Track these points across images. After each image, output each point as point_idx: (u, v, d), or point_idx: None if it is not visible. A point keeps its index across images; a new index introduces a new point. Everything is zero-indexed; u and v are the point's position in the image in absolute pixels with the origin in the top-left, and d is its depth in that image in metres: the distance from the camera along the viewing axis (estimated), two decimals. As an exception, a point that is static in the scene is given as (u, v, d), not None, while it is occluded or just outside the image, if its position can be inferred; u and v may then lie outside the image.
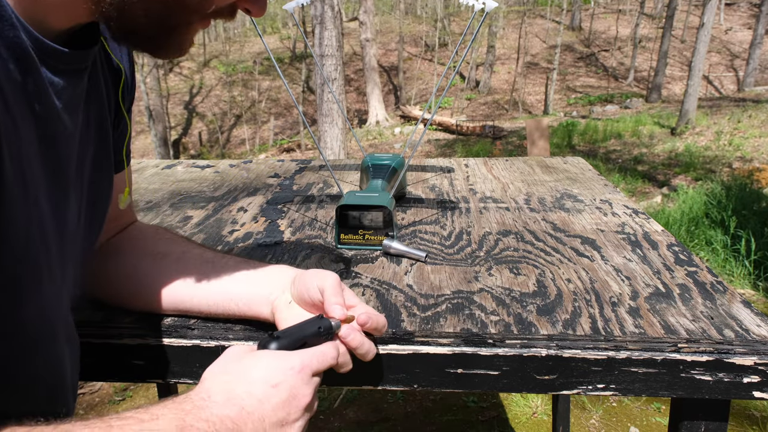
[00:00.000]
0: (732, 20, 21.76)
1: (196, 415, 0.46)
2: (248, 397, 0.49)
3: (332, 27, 5.67)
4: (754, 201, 4.47)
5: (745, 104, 11.79)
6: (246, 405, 0.48)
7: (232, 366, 0.52)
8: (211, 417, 0.46)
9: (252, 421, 0.48)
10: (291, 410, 0.51)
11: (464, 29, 1.20)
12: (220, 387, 0.49)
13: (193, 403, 0.47)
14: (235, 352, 0.54)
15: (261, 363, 0.52)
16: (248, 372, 0.51)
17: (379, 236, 0.93)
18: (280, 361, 0.52)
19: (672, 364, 0.64)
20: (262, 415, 0.49)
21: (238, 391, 0.49)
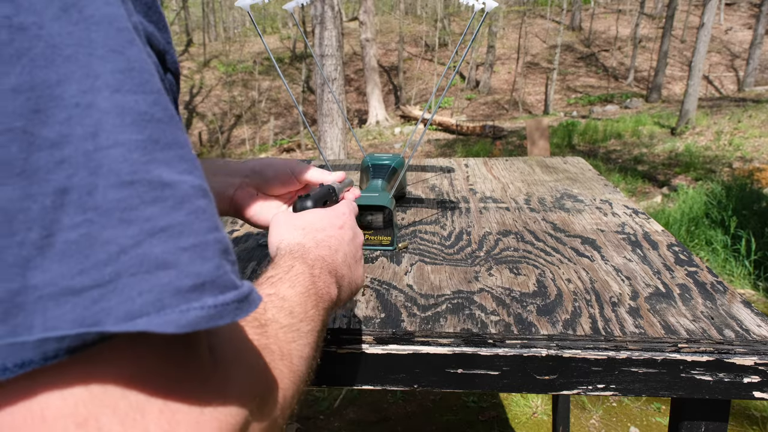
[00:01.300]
0: (732, 20, 21.76)
1: (309, 257, 0.51)
2: (329, 239, 0.55)
3: (332, 27, 5.67)
4: (754, 201, 4.47)
5: (745, 104, 11.79)
6: (331, 244, 0.55)
7: (298, 222, 0.57)
8: (316, 257, 0.52)
9: (340, 256, 0.55)
10: (357, 246, 0.59)
11: (464, 29, 1.19)
12: (305, 237, 0.54)
13: (299, 252, 0.52)
14: (285, 215, 0.59)
15: (320, 213, 0.59)
16: (316, 221, 0.57)
17: (379, 236, 0.93)
18: (333, 209, 0.60)
19: (672, 364, 0.64)
20: (345, 252, 0.56)
21: (319, 236, 0.55)
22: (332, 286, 0.51)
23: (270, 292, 0.44)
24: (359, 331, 0.69)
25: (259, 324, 0.38)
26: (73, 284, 0.24)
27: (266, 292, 0.44)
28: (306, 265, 0.50)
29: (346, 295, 0.55)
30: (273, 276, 0.47)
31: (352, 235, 0.58)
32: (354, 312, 0.73)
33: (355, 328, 0.69)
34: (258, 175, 0.70)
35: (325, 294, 0.49)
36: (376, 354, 0.67)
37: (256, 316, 0.38)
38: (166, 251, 0.25)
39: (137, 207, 0.25)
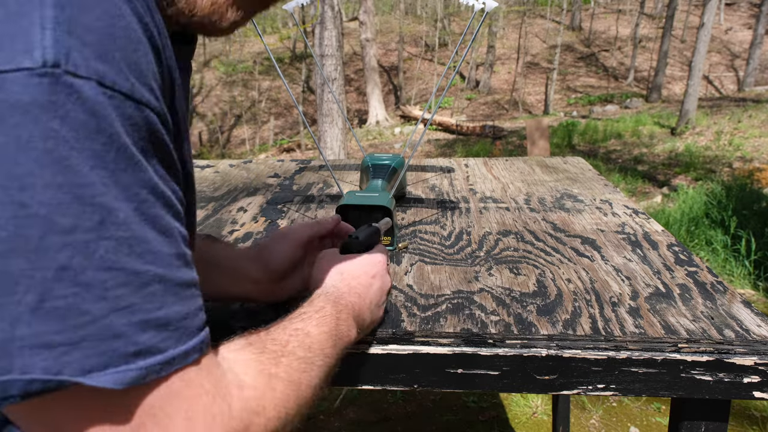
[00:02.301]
0: (732, 20, 21.76)
1: (339, 302, 0.59)
2: (360, 286, 0.63)
3: (332, 27, 5.67)
4: (754, 201, 4.47)
5: (745, 104, 11.78)
6: (360, 292, 0.63)
7: (339, 266, 0.65)
8: (347, 303, 0.60)
9: (365, 304, 0.63)
10: (383, 294, 0.67)
11: (464, 29, 1.20)
12: (340, 282, 0.63)
13: (333, 294, 0.60)
14: (331, 257, 0.67)
15: (359, 261, 0.66)
16: (354, 268, 0.65)
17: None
18: (371, 257, 0.67)
19: (672, 364, 0.64)
20: (370, 299, 0.64)
21: (353, 283, 0.63)
22: (353, 330, 0.60)
23: (299, 326, 0.53)
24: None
25: (275, 356, 0.47)
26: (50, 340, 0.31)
27: (295, 326, 0.53)
28: (335, 308, 0.58)
29: (364, 333, 0.65)
30: (305, 312, 0.56)
31: (381, 284, 0.66)
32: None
33: (355, 328, 0.69)
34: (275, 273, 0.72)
35: (345, 336, 0.58)
36: (376, 354, 0.67)
37: (276, 349, 0.48)
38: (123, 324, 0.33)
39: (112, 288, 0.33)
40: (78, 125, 0.31)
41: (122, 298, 0.33)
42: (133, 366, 0.33)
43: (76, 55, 0.31)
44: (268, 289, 0.72)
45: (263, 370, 0.45)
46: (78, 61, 0.31)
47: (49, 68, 0.30)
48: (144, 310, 0.34)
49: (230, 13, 0.46)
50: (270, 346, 0.49)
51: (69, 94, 0.30)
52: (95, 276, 0.32)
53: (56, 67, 0.30)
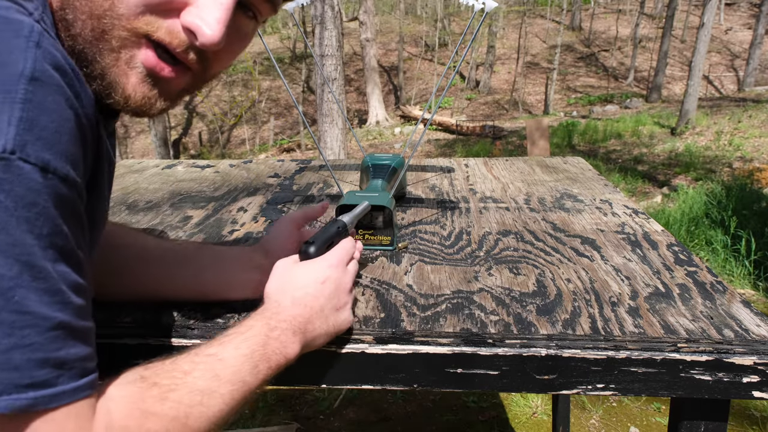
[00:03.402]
0: (732, 20, 21.76)
1: (276, 318, 0.60)
2: (306, 296, 0.63)
3: (332, 27, 5.67)
4: (754, 201, 4.47)
5: (745, 104, 11.78)
6: (307, 302, 0.62)
7: (287, 278, 0.65)
8: (286, 317, 0.60)
9: (315, 312, 0.63)
10: (340, 296, 0.66)
11: (464, 29, 1.20)
12: (285, 296, 0.63)
13: (271, 311, 0.61)
14: (283, 266, 0.67)
15: (307, 268, 0.66)
16: (300, 278, 0.65)
17: (379, 236, 0.93)
18: (320, 263, 0.66)
19: (672, 364, 0.64)
20: (321, 306, 0.63)
21: (298, 294, 0.63)
22: (293, 345, 0.59)
23: (212, 351, 0.54)
24: (359, 330, 0.69)
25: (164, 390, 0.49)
26: None
27: (209, 351, 0.54)
28: (267, 326, 0.59)
29: (321, 342, 0.64)
30: (229, 334, 0.57)
31: (333, 287, 0.65)
32: (354, 312, 0.73)
33: (354, 327, 0.69)
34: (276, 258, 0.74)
35: (278, 353, 0.58)
36: (376, 354, 0.67)
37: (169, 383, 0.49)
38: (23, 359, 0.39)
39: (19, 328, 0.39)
40: (18, 198, 0.39)
41: (27, 337, 0.39)
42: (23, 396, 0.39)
43: (30, 147, 0.40)
44: None
45: (139, 408, 0.47)
46: (30, 151, 0.40)
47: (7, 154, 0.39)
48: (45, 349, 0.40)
49: (159, 104, 0.54)
50: (163, 380, 0.50)
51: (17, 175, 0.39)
52: (8, 316, 0.38)
53: (12, 153, 0.39)
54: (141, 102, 0.52)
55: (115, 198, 1.28)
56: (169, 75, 0.52)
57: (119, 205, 1.22)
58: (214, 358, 0.53)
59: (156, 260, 0.75)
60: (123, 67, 0.50)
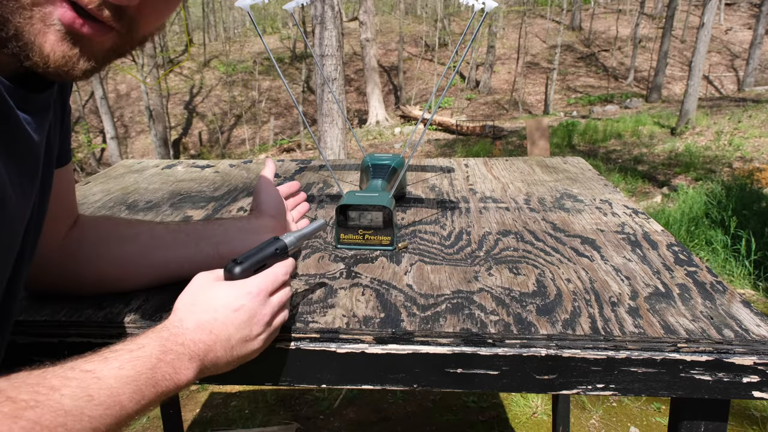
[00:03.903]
0: (732, 20, 21.76)
1: (173, 340, 0.55)
2: (214, 322, 0.58)
3: (332, 27, 5.67)
4: (754, 201, 4.47)
5: (745, 104, 11.78)
6: (213, 329, 0.58)
7: (199, 296, 0.61)
8: (186, 341, 0.55)
9: (220, 341, 0.58)
10: (252, 327, 0.60)
11: (464, 29, 1.20)
12: (191, 316, 0.58)
13: (169, 331, 0.56)
14: (201, 282, 0.63)
15: (222, 291, 0.61)
16: (212, 300, 0.60)
17: (379, 236, 0.93)
18: (239, 288, 0.61)
19: (671, 364, 0.64)
20: (228, 335, 0.58)
21: (205, 318, 0.58)
22: (185, 372, 0.54)
23: (91, 368, 0.48)
24: (359, 330, 0.69)
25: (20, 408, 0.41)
26: None
27: (87, 366, 0.48)
28: (161, 348, 0.53)
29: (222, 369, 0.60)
30: (117, 350, 0.51)
31: (246, 317, 0.60)
32: (354, 312, 0.73)
33: (354, 328, 0.69)
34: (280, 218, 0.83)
35: (167, 381, 0.52)
36: (376, 354, 0.67)
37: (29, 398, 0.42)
38: None
39: None
40: None
41: None
42: None
43: None
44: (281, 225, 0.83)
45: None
46: None
47: None
48: None
49: (82, 64, 0.49)
50: (22, 394, 0.42)
51: None
52: None
53: None
54: (62, 62, 0.48)
55: (115, 198, 1.28)
56: (89, 32, 0.48)
57: (119, 205, 1.22)
58: (90, 375, 0.47)
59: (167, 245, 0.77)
60: (38, 26, 0.46)
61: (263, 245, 0.67)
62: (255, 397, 2.38)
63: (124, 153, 16.30)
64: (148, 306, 0.75)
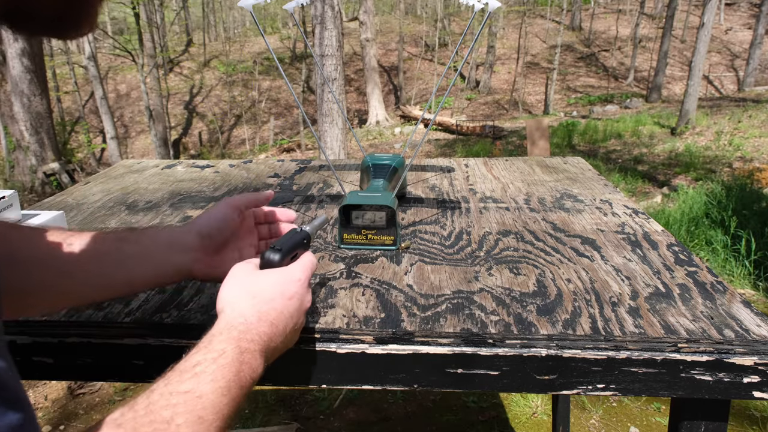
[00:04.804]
0: (732, 20, 21.76)
1: (245, 338, 0.54)
2: (273, 311, 0.58)
3: (332, 27, 5.67)
4: (754, 201, 4.47)
5: (745, 104, 11.79)
6: (273, 319, 0.57)
7: (248, 286, 0.59)
8: (254, 336, 0.55)
9: (278, 331, 0.58)
10: (301, 315, 0.61)
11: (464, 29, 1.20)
12: (251, 308, 0.57)
13: (239, 330, 0.55)
14: (245, 272, 0.61)
15: (273, 279, 0.60)
16: (267, 290, 0.59)
17: (382, 236, 0.93)
18: (288, 275, 0.61)
19: (672, 364, 0.64)
20: (286, 324, 0.59)
21: (265, 308, 0.58)
22: (260, 367, 0.55)
23: (189, 388, 0.48)
24: (359, 331, 0.69)
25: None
26: None
27: (185, 388, 0.47)
28: (238, 349, 0.53)
29: (272, 360, 0.59)
30: (200, 363, 0.50)
31: (298, 304, 0.60)
32: (354, 312, 0.73)
33: (355, 328, 0.69)
34: (209, 239, 0.68)
35: (248, 378, 0.53)
36: (376, 354, 0.67)
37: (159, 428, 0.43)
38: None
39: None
40: None
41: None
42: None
43: None
44: (205, 261, 0.68)
45: None
46: None
47: None
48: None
49: None
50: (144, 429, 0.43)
51: None
52: None
53: None
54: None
55: (114, 198, 1.28)
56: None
57: (119, 205, 1.22)
58: (191, 396, 0.47)
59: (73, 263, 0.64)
60: None
61: (290, 234, 0.67)
62: (255, 397, 2.38)
63: (124, 153, 16.30)
64: (148, 306, 0.75)
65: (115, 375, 0.73)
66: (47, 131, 8.68)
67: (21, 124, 8.40)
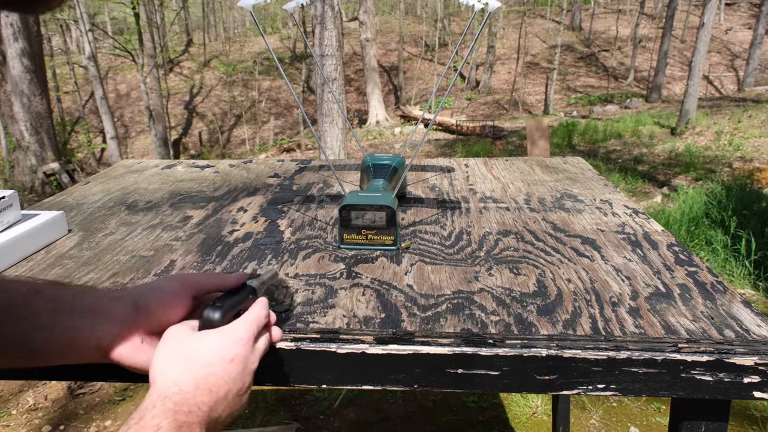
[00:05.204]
0: (732, 20, 21.76)
1: (181, 410, 0.49)
2: (212, 377, 0.52)
3: (332, 27, 5.67)
4: (754, 201, 4.47)
5: (745, 104, 11.79)
6: (212, 386, 0.52)
7: (183, 350, 0.54)
8: (192, 408, 0.50)
9: (220, 399, 0.52)
10: (246, 378, 0.55)
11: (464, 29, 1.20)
12: (186, 376, 0.52)
13: (173, 401, 0.49)
14: (179, 334, 0.56)
15: (212, 341, 0.55)
16: (204, 353, 0.53)
17: (382, 236, 0.93)
18: (228, 336, 0.55)
19: (672, 364, 0.64)
20: (227, 391, 0.53)
21: (203, 374, 0.52)
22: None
23: None
24: (359, 331, 0.69)
25: None
26: None
27: None
28: (175, 423, 0.48)
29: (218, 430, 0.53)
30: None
31: (241, 368, 0.54)
32: (354, 312, 0.73)
33: (355, 328, 0.69)
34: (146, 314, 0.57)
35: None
36: (376, 354, 0.67)
37: None
38: None
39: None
40: None
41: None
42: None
43: None
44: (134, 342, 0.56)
45: None
46: None
47: None
48: None
49: None
50: None
51: None
52: None
53: None
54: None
55: (114, 198, 1.28)
56: None
57: (119, 205, 1.22)
58: None
59: None
60: None
61: (232, 291, 0.61)
62: (255, 397, 2.38)
63: (124, 153, 16.30)
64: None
65: (115, 375, 0.72)
66: (47, 131, 8.68)
67: (21, 124, 8.40)
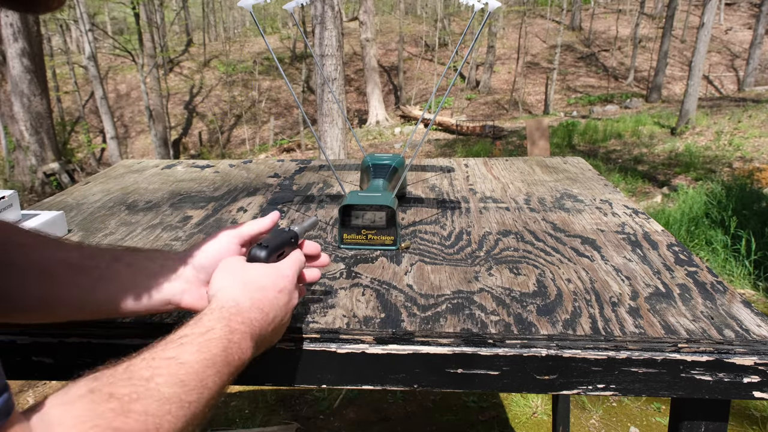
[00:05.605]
0: (732, 20, 21.76)
1: (236, 319, 0.54)
2: (265, 300, 0.58)
3: (332, 27, 5.67)
4: (754, 201, 4.47)
5: (745, 104, 11.79)
6: (264, 307, 0.58)
7: (241, 275, 0.60)
8: (245, 319, 0.55)
9: (268, 322, 0.58)
10: (288, 310, 0.62)
11: (464, 29, 1.20)
12: (243, 294, 0.57)
13: (229, 311, 0.55)
14: (236, 264, 0.62)
15: (264, 272, 0.61)
16: (259, 279, 0.60)
17: (382, 236, 0.93)
18: (279, 270, 0.62)
19: (672, 364, 0.64)
20: (274, 315, 0.59)
21: (257, 295, 0.58)
22: (248, 351, 0.55)
23: (172, 354, 0.48)
24: (359, 331, 0.69)
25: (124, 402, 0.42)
26: None
27: (168, 354, 0.48)
28: (227, 328, 0.53)
29: (260, 352, 0.59)
30: (186, 335, 0.51)
31: (287, 299, 0.61)
32: (354, 312, 0.73)
33: (355, 328, 0.69)
34: (204, 271, 0.64)
35: (236, 360, 0.53)
36: (376, 354, 0.67)
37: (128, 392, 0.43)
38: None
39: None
40: None
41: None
42: None
43: None
44: (196, 292, 0.63)
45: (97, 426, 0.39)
46: None
47: None
48: None
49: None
50: (120, 389, 0.42)
51: None
52: None
53: None
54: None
55: (114, 198, 1.28)
56: None
57: (119, 205, 1.22)
58: (174, 362, 0.47)
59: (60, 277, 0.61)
60: None
61: (277, 233, 0.67)
62: (255, 397, 2.38)
63: (124, 153, 16.30)
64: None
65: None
66: (47, 131, 8.68)
67: (21, 124, 8.40)
